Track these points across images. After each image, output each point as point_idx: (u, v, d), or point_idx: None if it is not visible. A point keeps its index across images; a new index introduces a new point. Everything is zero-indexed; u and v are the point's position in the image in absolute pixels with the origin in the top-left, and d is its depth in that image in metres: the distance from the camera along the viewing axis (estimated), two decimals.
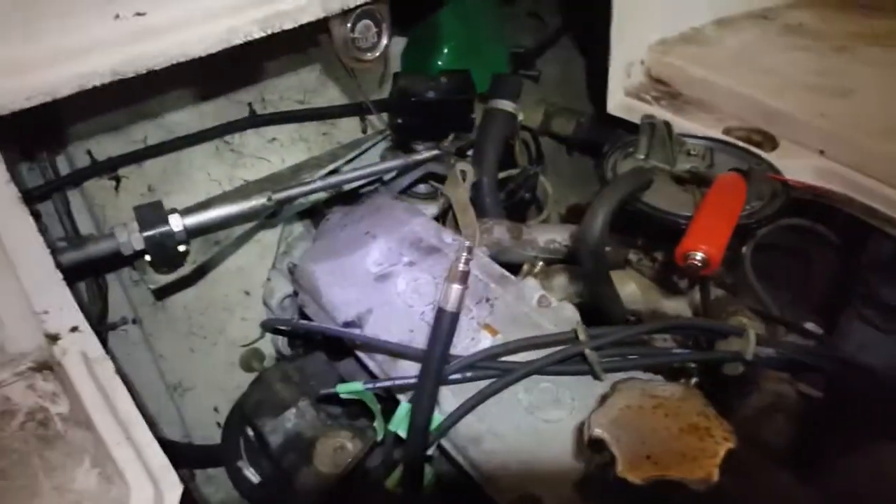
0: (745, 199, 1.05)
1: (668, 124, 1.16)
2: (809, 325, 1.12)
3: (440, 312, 0.73)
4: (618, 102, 1.52)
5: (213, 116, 1.64)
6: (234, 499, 1.76)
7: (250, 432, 1.16)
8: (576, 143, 1.99)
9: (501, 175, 1.65)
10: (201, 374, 1.74)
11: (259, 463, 1.24)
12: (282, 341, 1.48)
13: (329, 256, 1.19)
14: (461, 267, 0.72)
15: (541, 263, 1.31)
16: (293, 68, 1.73)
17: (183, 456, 1.65)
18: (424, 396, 0.75)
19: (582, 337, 0.91)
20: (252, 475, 1.25)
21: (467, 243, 0.73)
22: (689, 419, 0.73)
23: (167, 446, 0.88)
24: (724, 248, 0.95)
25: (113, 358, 0.97)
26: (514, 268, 1.23)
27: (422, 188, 1.70)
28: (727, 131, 1.37)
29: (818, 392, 1.10)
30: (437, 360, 0.74)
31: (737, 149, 1.23)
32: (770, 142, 1.36)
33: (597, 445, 0.74)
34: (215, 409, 1.75)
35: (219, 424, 1.71)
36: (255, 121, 1.68)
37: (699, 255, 0.93)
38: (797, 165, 1.24)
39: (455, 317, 0.73)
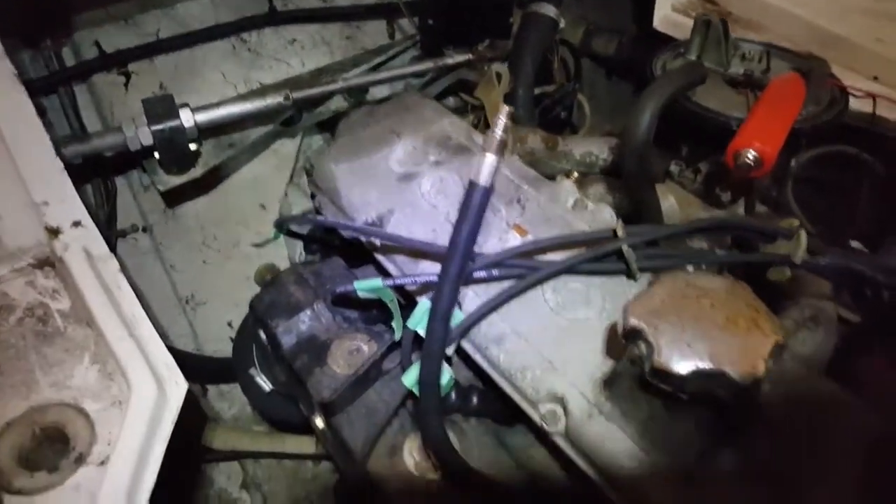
0: (803, 100, 0.96)
1: (724, 23, 1.07)
2: (855, 244, 1.05)
3: (471, 186, 0.67)
4: (664, 17, 1.43)
5: (230, 11, 1.56)
6: (247, 413, 1.76)
7: (263, 335, 1.11)
8: (617, 63, 1.87)
9: (537, 91, 1.55)
10: (215, 288, 1.71)
11: (271, 370, 1.21)
12: (299, 252, 1.43)
13: (350, 155, 1.13)
14: (499, 134, 0.65)
15: (575, 175, 1.24)
16: None
17: (194, 368, 1.63)
18: (448, 281, 0.69)
19: (620, 233, 0.84)
20: (264, 382, 1.22)
21: (506, 108, 0.66)
22: (735, 309, 0.67)
23: (177, 357, 0.84)
24: (779, 147, 0.87)
25: (121, 264, 0.93)
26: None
27: (451, 101, 1.62)
28: None
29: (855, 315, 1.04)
30: (464, 241, 0.68)
31: (794, 54, 1.14)
32: (821, 67, 1.28)
33: (633, 335, 0.68)
34: (229, 324, 1.72)
35: (231, 339, 1.68)
36: (275, 18, 1.59)
37: (752, 154, 0.86)
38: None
39: (487, 192, 0.67)
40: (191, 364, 1.65)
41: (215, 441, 1.54)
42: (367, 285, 0.91)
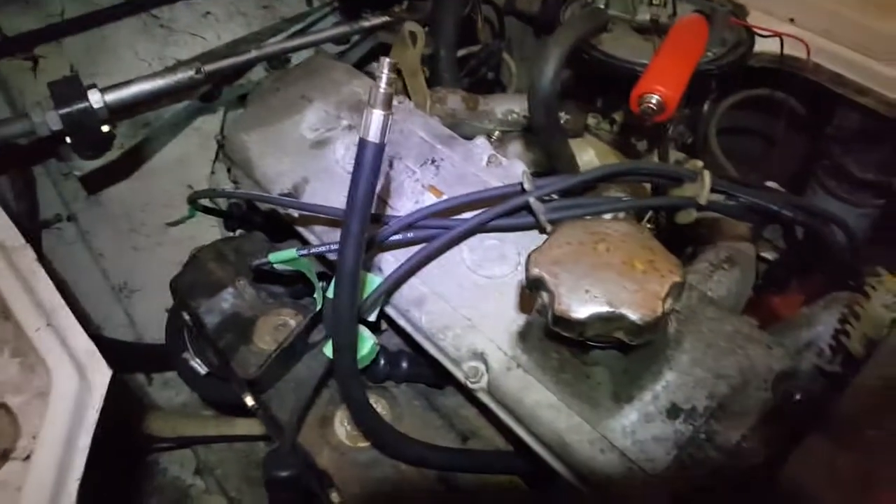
0: (705, 42, 0.96)
1: None
2: (770, 184, 1.07)
3: (361, 143, 0.65)
4: None
5: None
6: (194, 399, 1.74)
7: (187, 317, 1.09)
8: (542, 21, 1.85)
9: (462, 52, 1.53)
10: (148, 274, 1.66)
11: (204, 353, 1.18)
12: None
13: (261, 124, 1.09)
14: (383, 88, 0.63)
15: (497, 133, 1.23)
16: None
17: (133, 357, 1.60)
18: (350, 239, 0.68)
19: (527, 186, 0.84)
20: (199, 366, 1.20)
21: (388, 60, 0.64)
22: (632, 252, 0.67)
23: (114, 347, 0.82)
24: (682, 90, 0.87)
25: (48, 256, 0.90)
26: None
27: (375, 66, 1.59)
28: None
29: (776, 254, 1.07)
30: (361, 198, 0.66)
31: None
32: (740, 11, 1.29)
33: (536, 285, 0.68)
34: (166, 310, 1.68)
35: None
36: None
37: (655, 98, 0.86)
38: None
39: (379, 149, 0.65)
40: (129, 353, 1.61)
41: (163, 429, 1.52)
42: (281, 256, 0.90)
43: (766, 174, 1.65)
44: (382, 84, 0.64)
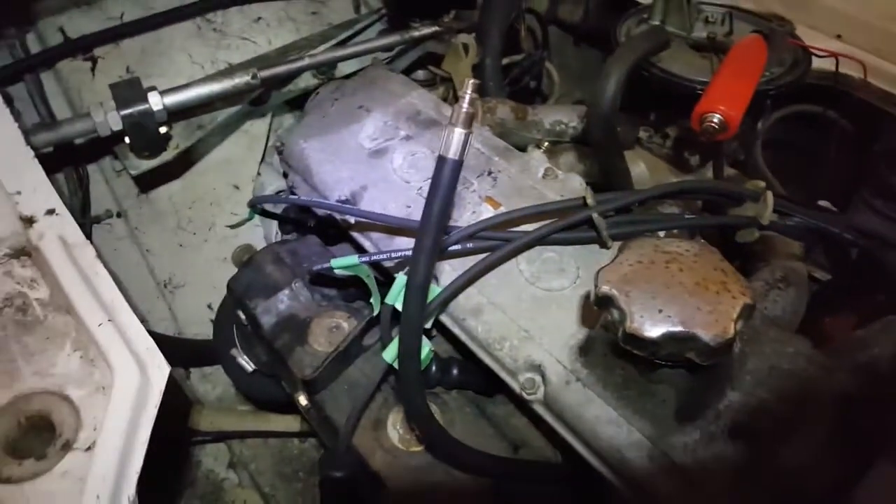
0: (765, 62, 0.97)
1: None
2: (823, 203, 1.07)
3: (440, 161, 0.67)
4: None
5: None
6: (230, 395, 1.77)
7: (242, 316, 1.12)
8: (583, 30, 1.86)
9: (505, 61, 1.54)
10: (192, 271, 1.70)
11: (252, 350, 1.21)
12: (275, 232, 1.42)
13: (320, 132, 1.12)
14: (465, 107, 0.65)
15: (546, 144, 1.24)
16: None
17: (175, 352, 1.62)
18: (422, 254, 0.70)
19: (590, 201, 0.85)
20: (246, 363, 1.22)
21: (472, 80, 0.66)
22: (704, 273, 0.68)
23: (157, 341, 0.85)
24: (744, 110, 0.88)
25: (97, 250, 0.93)
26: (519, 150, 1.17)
27: (420, 74, 1.61)
28: None
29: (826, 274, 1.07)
30: (436, 214, 0.68)
31: (757, 16, 1.14)
32: (788, 27, 1.29)
33: (605, 303, 0.69)
34: (208, 307, 1.71)
35: (211, 321, 1.68)
36: None
37: (717, 117, 0.87)
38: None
39: (458, 165, 0.67)
40: (171, 348, 1.62)
41: (201, 423, 1.55)
42: (343, 263, 0.92)
43: (812, 191, 1.65)
44: (465, 104, 0.65)
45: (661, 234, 0.97)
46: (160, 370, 0.85)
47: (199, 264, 1.69)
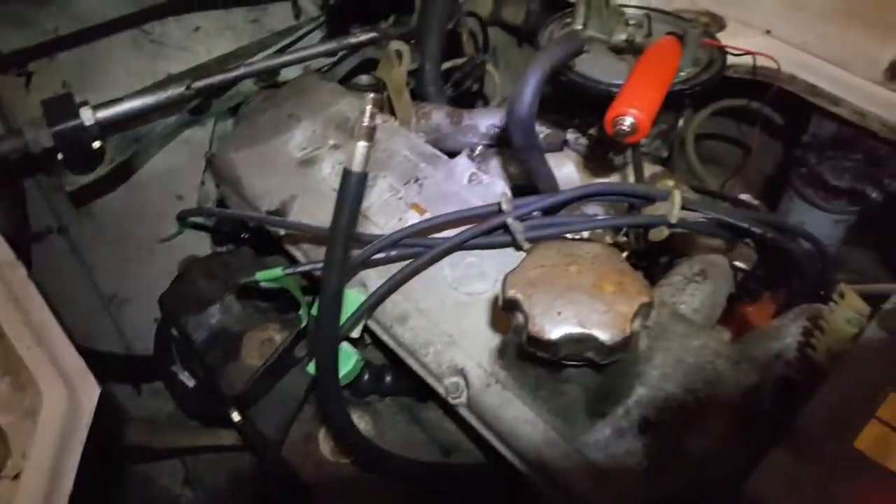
0: (678, 63, 0.99)
1: None
2: (744, 197, 1.10)
3: (345, 174, 0.68)
4: None
5: (129, 3, 1.51)
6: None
7: (175, 332, 1.11)
8: (526, 32, 1.89)
9: (447, 65, 1.56)
10: (138, 285, 1.68)
11: (191, 366, 1.21)
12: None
13: (250, 143, 1.12)
14: (366, 122, 0.66)
15: (480, 148, 1.25)
16: None
17: (122, 368, 1.62)
18: (333, 266, 0.71)
19: (505, 207, 0.87)
20: (187, 379, 1.22)
21: (372, 95, 0.67)
22: (603, 274, 0.70)
23: (103, 358, 0.84)
24: (655, 112, 0.90)
25: (38, 268, 0.91)
26: (455, 155, 1.18)
27: (364, 79, 1.61)
28: (675, 13, 1.31)
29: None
30: (344, 226, 0.69)
31: (675, 17, 1.17)
32: (717, 23, 1.33)
33: (511, 306, 0.71)
34: (156, 321, 1.70)
35: None
36: (176, 7, 1.55)
37: (628, 120, 0.88)
38: (742, 46, 1.20)
39: (362, 177, 0.68)
40: (117, 365, 1.63)
41: (152, 440, 1.54)
42: (268, 275, 0.92)
43: (747, 183, 1.69)
44: (366, 118, 0.66)
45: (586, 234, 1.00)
46: (91, 392, 0.84)
47: (145, 278, 1.67)
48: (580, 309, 0.68)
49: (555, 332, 0.67)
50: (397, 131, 1.10)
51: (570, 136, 1.19)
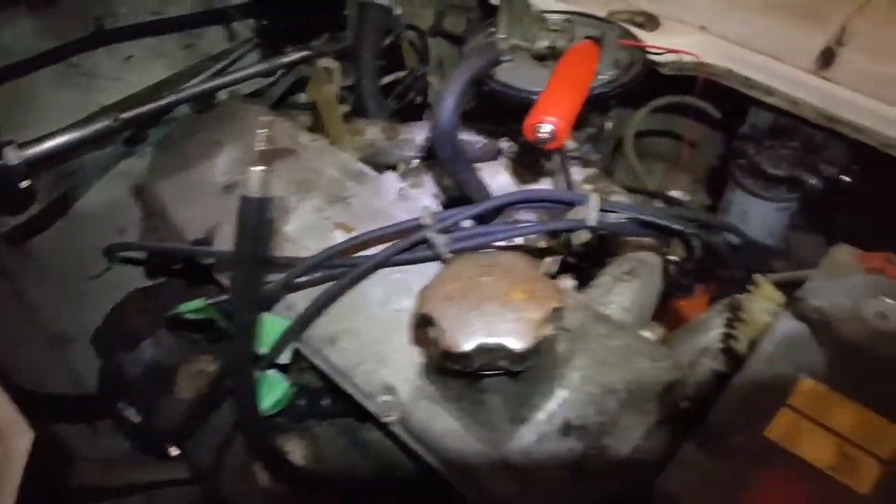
0: (595, 67, 1.00)
1: None
2: (675, 193, 1.12)
3: (243, 200, 0.67)
4: None
5: (54, 36, 1.49)
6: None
7: (110, 370, 1.09)
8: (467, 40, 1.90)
9: (389, 78, 1.56)
10: (86, 322, 1.63)
11: (136, 401, 1.19)
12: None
13: (175, 171, 1.11)
14: (260, 147, 0.66)
15: (415, 161, 1.26)
16: None
17: (72, 408, 1.58)
18: (241, 296, 0.70)
19: (425, 221, 0.86)
20: (133, 415, 1.20)
21: (265, 118, 0.66)
22: (514, 283, 0.70)
23: (52, 400, 0.82)
24: (573, 118, 0.91)
25: None
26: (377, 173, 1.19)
27: (302, 97, 1.60)
28: (611, 14, 1.33)
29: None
30: (247, 254, 0.68)
31: (596, 19, 1.18)
32: (653, 22, 1.34)
33: (425, 322, 0.71)
34: None
35: None
36: (105, 37, 1.53)
37: (546, 128, 0.89)
38: (678, 43, 1.23)
39: (260, 202, 0.67)
40: (67, 405, 1.59)
41: (106, 479, 1.50)
42: (191, 307, 0.91)
43: (694, 177, 1.71)
44: (259, 143, 0.66)
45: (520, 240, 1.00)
46: (22, 438, 0.82)
47: (91, 316, 1.62)
48: (491, 319, 0.68)
49: (466, 344, 0.67)
50: (325, 150, 1.10)
51: (504, 144, 1.20)
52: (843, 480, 0.61)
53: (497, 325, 0.67)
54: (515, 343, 0.66)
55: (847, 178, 1.24)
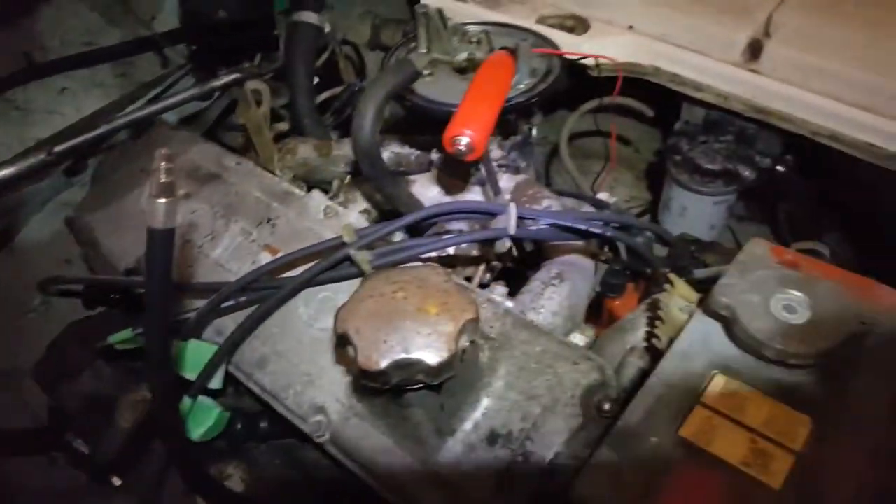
0: (510, 77, 1.02)
1: (440, 12, 1.11)
2: (601, 195, 1.14)
3: (149, 233, 0.67)
4: (433, 2, 1.46)
5: None
6: None
7: (51, 404, 1.08)
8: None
9: (326, 94, 1.57)
10: (38, 355, 1.62)
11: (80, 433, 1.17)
12: None
13: (104, 202, 1.10)
14: (162, 178, 0.66)
15: (348, 178, 1.26)
16: (72, 8, 1.56)
17: (24, 442, 1.56)
18: (153, 328, 0.70)
19: (347, 239, 0.87)
20: (82, 446, 1.18)
21: (163, 151, 0.66)
22: (427, 297, 0.71)
23: (4, 435, 0.81)
24: (489, 129, 0.92)
25: None
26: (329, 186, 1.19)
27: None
28: (541, 20, 1.35)
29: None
30: (157, 287, 0.68)
31: (514, 28, 1.20)
32: (582, 25, 1.36)
33: (342, 342, 0.71)
34: None
35: None
36: (37, 71, 1.52)
37: (464, 140, 0.90)
38: (608, 43, 1.25)
39: (166, 233, 0.68)
40: (20, 439, 1.57)
41: None
42: (120, 337, 0.91)
43: (636, 175, 1.74)
44: (160, 175, 0.66)
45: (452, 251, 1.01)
46: None
47: (42, 348, 1.61)
48: (405, 335, 0.69)
49: (382, 362, 0.68)
50: (250, 172, 1.10)
51: (435, 156, 1.21)
52: (756, 475, 0.61)
53: (412, 341, 0.68)
54: (431, 357, 0.67)
55: (782, 168, 1.28)
